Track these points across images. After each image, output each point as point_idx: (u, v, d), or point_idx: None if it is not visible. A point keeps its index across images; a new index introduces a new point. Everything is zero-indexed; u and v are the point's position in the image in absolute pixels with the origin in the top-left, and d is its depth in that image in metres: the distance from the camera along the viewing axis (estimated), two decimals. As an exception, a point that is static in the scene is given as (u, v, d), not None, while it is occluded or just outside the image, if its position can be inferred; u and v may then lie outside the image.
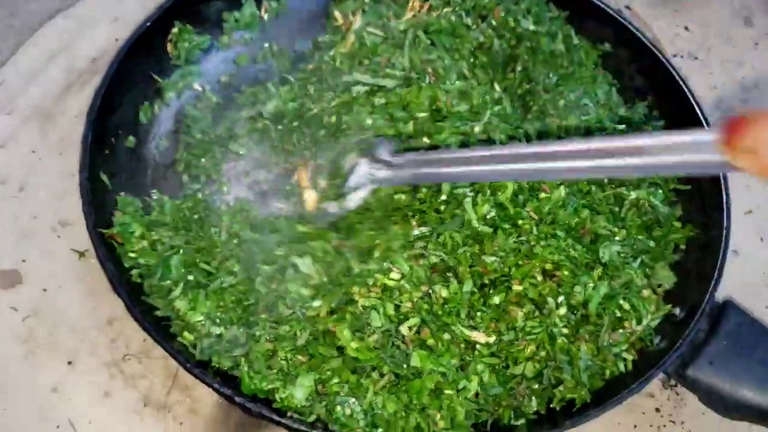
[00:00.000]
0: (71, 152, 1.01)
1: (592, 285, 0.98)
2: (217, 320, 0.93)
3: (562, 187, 1.02)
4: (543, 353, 0.95)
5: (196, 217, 1.01)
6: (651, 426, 1.06)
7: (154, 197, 1.05)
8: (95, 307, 1.05)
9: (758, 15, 1.48)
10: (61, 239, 1.10)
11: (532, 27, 1.18)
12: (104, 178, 1.01)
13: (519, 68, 1.14)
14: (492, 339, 0.94)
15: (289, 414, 0.87)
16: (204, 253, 0.97)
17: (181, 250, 0.96)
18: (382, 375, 0.90)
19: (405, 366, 0.91)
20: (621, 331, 0.99)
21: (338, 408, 0.88)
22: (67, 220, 1.11)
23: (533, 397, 0.95)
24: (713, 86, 1.40)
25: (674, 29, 1.46)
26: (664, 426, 1.07)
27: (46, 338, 1.03)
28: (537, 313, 0.96)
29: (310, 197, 1.05)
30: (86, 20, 1.33)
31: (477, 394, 0.93)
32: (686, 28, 1.46)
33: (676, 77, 1.16)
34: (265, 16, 1.20)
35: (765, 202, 1.28)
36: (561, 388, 0.95)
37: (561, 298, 0.97)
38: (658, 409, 1.08)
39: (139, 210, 1.01)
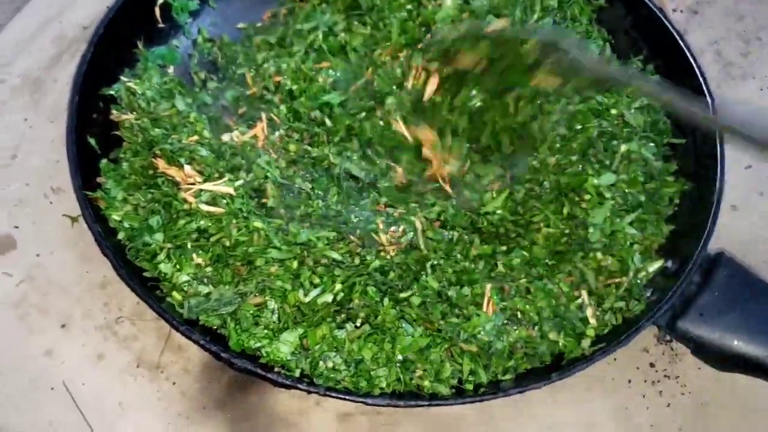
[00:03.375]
0: (63, 120, 1.02)
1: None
2: (204, 279, 0.93)
3: None
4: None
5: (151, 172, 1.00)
6: (645, 381, 1.06)
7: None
8: (88, 271, 1.06)
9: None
10: (53, 205, 1.10)
11: None
12: (92, 142, 1.02)
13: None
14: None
15: (276, 369, 0.87)
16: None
17: (162, 211, 0.96)
18: (357, 326, 0.90)
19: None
20: (611, 283, 0.98)
21: (321, 363, 0.88)
22: (59, 187, 1.11)
23: (521, 351, 0.95)
24: (713, 41, 1.37)
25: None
26: (659, 381, 1.06)
27: (39, 302, 1.04)
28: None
29: None
30: (77, -12, 1.32)
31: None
32: (686, -18, 1.43)
33: (671, 29, 1.14)
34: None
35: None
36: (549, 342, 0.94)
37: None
38: (652, 364, 1.07)
39: (121, 174, 1.01)
